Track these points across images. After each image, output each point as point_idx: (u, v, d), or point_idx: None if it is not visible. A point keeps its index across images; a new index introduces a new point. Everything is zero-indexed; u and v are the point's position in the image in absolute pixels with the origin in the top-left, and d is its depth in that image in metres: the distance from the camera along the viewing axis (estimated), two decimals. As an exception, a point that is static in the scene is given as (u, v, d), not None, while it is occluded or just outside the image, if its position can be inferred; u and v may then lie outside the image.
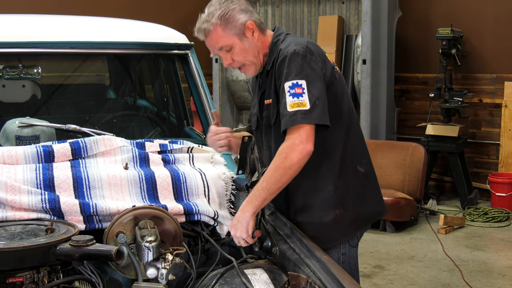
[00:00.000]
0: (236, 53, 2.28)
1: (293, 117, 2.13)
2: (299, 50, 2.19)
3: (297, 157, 2.12)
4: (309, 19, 7.31)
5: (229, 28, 2.25)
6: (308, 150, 2.13)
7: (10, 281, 1.92)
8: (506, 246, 5.37)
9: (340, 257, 2.38)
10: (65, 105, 3.61)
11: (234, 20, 2.25)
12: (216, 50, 2.30)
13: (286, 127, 2.15)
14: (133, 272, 2.15)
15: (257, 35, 2.30)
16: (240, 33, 2.26)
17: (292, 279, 1.99)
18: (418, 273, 4.72)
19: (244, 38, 2.27)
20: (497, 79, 6.80)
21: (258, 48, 2.31)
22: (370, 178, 2.44)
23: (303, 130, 2.13)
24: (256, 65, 2.33)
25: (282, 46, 2.26)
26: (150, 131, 3.36)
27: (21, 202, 2.21)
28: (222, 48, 2.28)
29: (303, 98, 2.13)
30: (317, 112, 2.14)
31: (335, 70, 2.35)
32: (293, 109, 2.13)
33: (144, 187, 2.41)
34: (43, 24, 3.12)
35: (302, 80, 2.15)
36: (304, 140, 2.12)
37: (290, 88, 2.15)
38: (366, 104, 6.45)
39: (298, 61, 2.18)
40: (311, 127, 2.14)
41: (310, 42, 2.29)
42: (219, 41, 2.27)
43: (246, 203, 2.21)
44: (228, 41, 2.26)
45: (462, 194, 6.54)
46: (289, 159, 2.13)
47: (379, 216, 2.53)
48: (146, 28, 3.26)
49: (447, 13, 6.92)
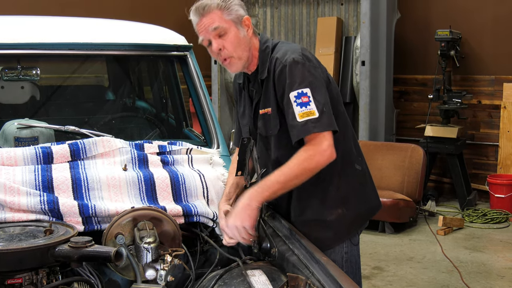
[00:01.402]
0: (229, 40, 2.24)
1: (305, 127, 2.13)
2: (298, 58, 2.19)
3: (323, 162, 2.16)
4: (308, 21, 7.32)
5: (228, 13, 2.24)
6: (334, 157, 2.17)
7: (9, 282, 1.92)
8: (505, 247, 5.38)
9: (344, 256, 2.40)
10: (64, 107, 3.60)
11: (233, 9, 2.25)
12: (209, 30, 2.23)
13: (299, 137, 2.15)
14: (132, 274, 2.15)
15: (251, 33, 2.30)
16: (237, 21, 2.25)
17: (291, 280, 1.99)
18: (417, 274, 4.72)
19: (241, 28, 2.26)
20: (496, 81, 6.80)
21: (250, 45, 2.29)
22: (366, 175, 2.48)
23: (328, 136, 2.15)
24: (242, 61, 2.29)
25: (277, 55, 2.24)
26: (149, 132, 3.36)
27: (20, 204, 2.21)
28: (217, 28, 2.22)
29: (311, 106, 2.14)
30: (327, 118, 2.15)
31: (328, 74, 2.36)
32: (303, 119, 2.13)
33: (143, 188, 2.41)
34: (42, 25, 3.11)
35: (307, 88, 2.15)
36: (331, 146, 2.15)
37: (296, 97, 2.15)
38: (365, 105, 6.45)
39: (299, 69, 2.17)
40: (330, 133, 2.15)
41: (303, 48, 2.29)
42: (216, 21, 2.23)
43: (254, 192, 2.18)
44: (224, 23, 2.23)
45: (461, 195, 6.54)
46: (315, 161, 2.14)
47: (377, 211, 2.54)
48: (145, 30, 3.26)
49: (446, 14, 6.93)
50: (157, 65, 3.57)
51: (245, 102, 2.44)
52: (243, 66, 2.32)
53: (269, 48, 2.30)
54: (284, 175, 2.16)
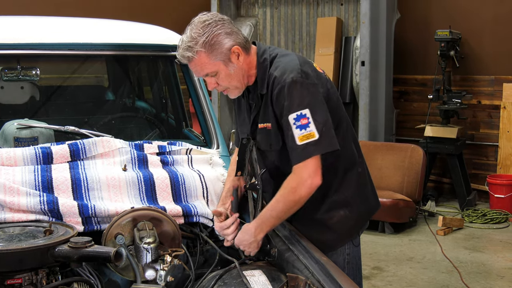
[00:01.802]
0: (221, 79, 2.23)
1: (304, 150, 2.12)
2: (296, 77, 2.14)
3: (306, 192, 2.15)
4: (307, 21, 7.31)
5: (214, 54, 2.17)
6: (316, 184, 2.15)
7: (8, 282, 1.92)
8: (505, 248, 5.38)
9: (345, 257, 2.42)
10: (64, 107, 3.60)
11: (219, 46, 2.17)
12: (201, 75, 2.26)
13: (299, 161, 2.13)
14: (131, 274, 2.15)
15: (242, 58, 2.23)
16: (225, 58, 2.19)
17: (291, 280, 1.99)
18: (417, 274, 4.72)
19: (230, 64, 2.21)
20: (495, 81, 6.80)
21: (243, 72, 2.25)
22: (366, 175, 2.47)
23: (310, 163, 2.12)
24: (239, 88, 2.28)
25: (276, 73, 2.19)
26: (149, 132, 3.36)
27: (20, 204, 2.21)
28: (207, 74, 2.22)
29: (310, 128, 2.11)
30: (327, 139, 2.13)
31: (327, 79, 2.32)
32: (302, 142, 2.12)
33: (142, 188, 2.41)
34: (41, 25, 3.11)
35: (306, 110, 2.12)
36: (312, 173, 2.13)
37: (295, 120, 2.12)
38: (364, 105, 6.45)
39: (297, 89, 2.13)
40: (318, 157, 2.14)
41: (301, 61, 2.23)
42: (204, 68, 2.20)
43: (256, 229, 2.21)
44: (213, 68, 2.20)
45: (461, 195, 6.54)
46: (298, 193, 2.15)
47: (375, 211, 2.55)
48: (144, 30, 3.26)
49: (446, 14, 6.93)
50: (157, 65, 3.57)
51: (245, 110, 2.43)
52: (242, 90, 2.31)
53: (267, 61, 2.26)
54: (277, 212, 2.19)
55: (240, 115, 2.48)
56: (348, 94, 6.87)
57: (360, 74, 6.44)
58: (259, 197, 2.33)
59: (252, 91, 2.33)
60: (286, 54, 2.29)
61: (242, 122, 2.45)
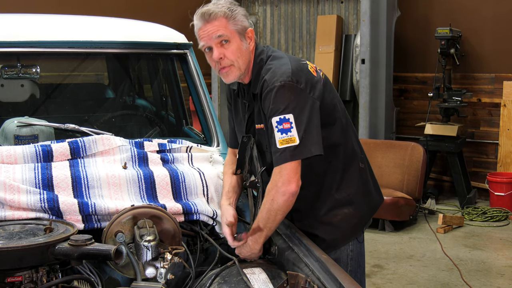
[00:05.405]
0: (231, 50, 2.21)
1: (282, 155, 2.11)
2: (285, 82, 2.13)
3: (282, 199, 2.14)
4: (308, 19, 7.31)
5: (234, 23, 2.21)
6: (292, 191, 2.13)
7: (9, 280, 1.92)
8: (505, 246, 5.38)
9: (349, 254, 2.42)
10: (64, 105, 3.60)
11: (239, 21, 2.22)
12: (212, 37, 2.20)
13: (277, 165, 2.13)
14: (132, 272, 2.15)
15: (252, 46, 2.27)
16: (242, 32, 2.23)
17: (291, 278, 1.99)
18: (417, 272, 4.72)
19: (244, 40, 2.24)
20: (496, 79, 6.80)
21: (249, 58, 2.27)
22: (369, 171, 2.47)
23: (284, 170, 2.11)
24: (240, 72, 2.26)
25: (266, 77, 2.19)
26: (149, 130, 3.35)
27: (20, 202, 2.21)
28: (220, 36, 2.19)
29: (292, 133, 2.10)
30: (307, 145, 2.11)
31: (320, 78, 2.28)
32: (282, 146, 2.11)
33: (143, 186, 2.41)
34: (42, 23, 3.11)
35: (289, 114, 2.11)
36: (286, 181, 2.11)
37: (277, 123, 2.11)
38: (365, 103, 6.45)
39: (284, 94, 2.12)
40: (295, 163, 2.12)
41: (293, 65, 2.21)
42: (220, 29, 2.19)
43: (253, 243, 2.22)
44: (229, 33, 2.20)
45: (461, 193, 6.54)
46: (276, 202, 2.15)
47: (379, 205, 2.55)
48: (145, 28, 3.26)
49: (446, 12, 6.93)
50: (157, 63, 3.57)
51: (240, 110, 2.43)
52: (239, 77, 2.29)
53: (262, 62, 2.27)
54: (264, 222, 2.20)
55: (237, 116, 2.48)
56: (348, 92, 6.87)
57: (360, 72, 6.44)
58: (259, 195, 2.33)
59: (247, 91, 2.34)
60: (280, 57, 2.28)
61: (240, 123, 2.45)
